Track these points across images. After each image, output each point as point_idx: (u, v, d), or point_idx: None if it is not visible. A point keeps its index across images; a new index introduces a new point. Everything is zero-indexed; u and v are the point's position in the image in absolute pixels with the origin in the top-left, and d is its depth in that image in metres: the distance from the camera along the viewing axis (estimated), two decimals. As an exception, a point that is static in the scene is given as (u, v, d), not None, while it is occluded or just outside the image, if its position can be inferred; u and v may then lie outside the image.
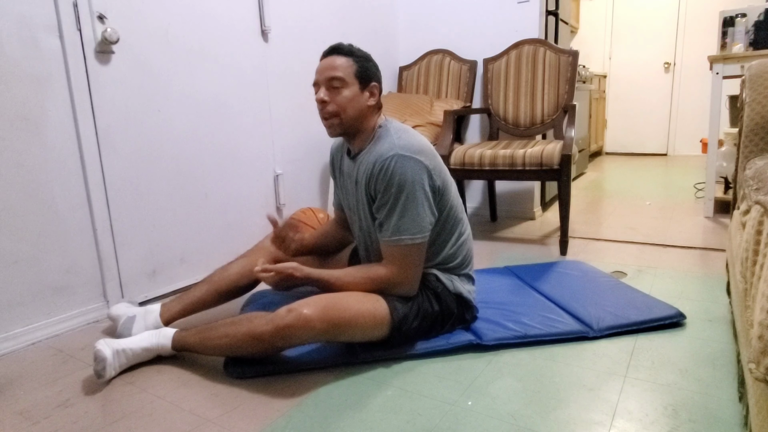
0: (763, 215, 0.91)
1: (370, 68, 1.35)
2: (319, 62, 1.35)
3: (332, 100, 1.32)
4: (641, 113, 5.88)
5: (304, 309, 1.20)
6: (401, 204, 1.27)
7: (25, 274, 1.54)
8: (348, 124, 1.35)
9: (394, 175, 1.26)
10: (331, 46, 1.35)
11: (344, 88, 1.31)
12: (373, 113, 1.38)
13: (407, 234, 1.28)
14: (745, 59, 2.57)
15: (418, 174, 1.27)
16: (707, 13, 5.36)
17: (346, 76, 1.30)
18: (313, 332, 1.20)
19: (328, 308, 1.22)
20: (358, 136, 1.38)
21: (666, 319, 1.47)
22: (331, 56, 1.32)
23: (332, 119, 1.34)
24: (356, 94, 1.32)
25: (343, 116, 1.33)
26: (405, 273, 1.31)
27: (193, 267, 2.03)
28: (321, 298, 1.24)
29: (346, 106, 1.32)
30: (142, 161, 1.82)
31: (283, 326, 1.19)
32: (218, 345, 1.28)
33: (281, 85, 2.40)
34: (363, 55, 1.35)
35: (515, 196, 3.01)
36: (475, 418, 1.09)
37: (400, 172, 1.26)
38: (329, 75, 1.31)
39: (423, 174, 1.28)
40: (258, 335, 1.21)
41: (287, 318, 1.19)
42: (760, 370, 0.70)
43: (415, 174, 1.27)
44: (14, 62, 1.48)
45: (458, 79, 2.92)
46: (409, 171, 1.26)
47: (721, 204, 2.85)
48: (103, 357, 1.27)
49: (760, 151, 1.46)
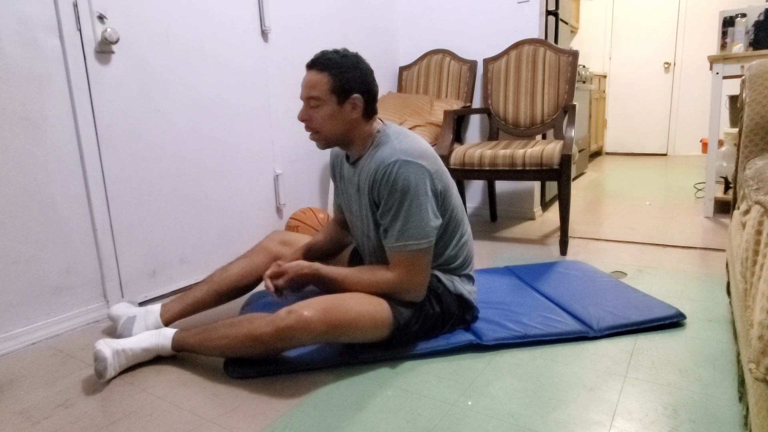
0: (763, 215, 0.91)
1: (349, 80, 1.29)
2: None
3: (311, 118, 1.31)
4: (641, 113, 5.88)
5: (305, 311, 1.20)
6: (405, 209, 1.26)
7: (25, 274, 1.54)
8: (333, 139, 1.34)
9: (397, 181, 1.25)
10: (312, 58, 1.31)
11: (321, 106, 1.29)
12: (362, 123, 1.35)
13: (413, 240, 1.27)
14: (745, 59, 2.57)
15: (421, 179, 1.27)
16: (707, 13, 5.36)
17: (321, 95, 1.28)
18: (314, 334, 1.20)
19: (329, 310, 1.22)
20: (353, 145, 1.37)
21: (666, 319, 1.47)
22: (309, 72, 1.30)
23: (315, 135, 1.34)
24: (334, 110, 1.30)
25: (325, 133, 1.33)
26: (412, 278, 1.30)
27: (193, 267, 2.03)
28: (322, 300, 1.24)
29: (324, 124, 1.31)
30: (142, 161, 1.82)
31: (284, 327, 1.19)
32: (218, 346, 1.28)
33: (281, 86, 2.40)
34: (342, 65, 1.28)
35: (515, 196, 3.01)
36: (475, 418, 1.09)
37: (403, 178, 1.25)
38: (306, 94, 1.30)
39: (426, 178, 1.28)
40: (258, 336, 1.21)
41: (287, 319, 1.19)
42: (760, 370, 0.70)
43: (418, 179, 1.26)
44: (14, 62, 1.48)
45: (458, 79, 2.92)
46: (412, 176, 1.25)
47: (721, 204, 2.84)
48: (103, 357, 1.27)
49: (760, 151, 1.46)
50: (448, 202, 1.37)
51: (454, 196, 1.40)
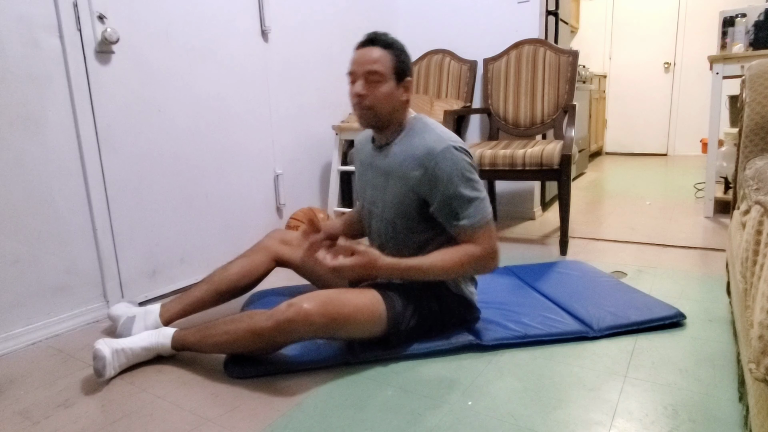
0: (763, 215, 0.91)
1: (406, 62, 1.32)
2: (356, 51, 1.32)
3: (369, 93, 1.30)
4: (641, 113, 5.88)
5: (304, 303, 1.20)
6: (471, 189, 1.29)
7: (25, 274, 1.54)
8: (382, 118, 1.34)
9: (455, 165, 1.27)
10: (369, 35, 1.31)
11: (382, 82, 1.29)
12: (405, 107, 1.37)
13: (485, 213, 1.31)
14: (745, 59, 2.57)
15: (472, 163, 1.32)
16: (707, 13, 5.36)
17: (384, 71, 1.28)
18: (313, 327, 1.21)
19: (328, 303, 1.22)
20: (388, 129, 1.38)
21: (666, 319, 1.47)
22: (370, 47, 1.29)
23: (367, 112, 1.33)
24: (392, 89, 1.31)
25: (378, 111, 1.32)
26: (495, 246, 1.32)
27: (193, 267, 2.03)
28: (320, 294, 1.25)
29: (380, 100, 1.31)
30: (142, 161, 1.82)
31: (284, 320, 1.19)
32: (218, 342, 1.28)
33: (281, 85, 2.40)
34: (400, 47, 1.32)
35: (515, 196, 3.01)
36: (475, 418, 1.09)
37: (460, 161, 1.28)
38: (368, 68, 1.28)
39: (472, 162, 1.33)
40: (258, 331, 1.22)
41: (287, 312, 1.19)
42: (760, 370, 0.70)
43: (469, 163, 1.31)
44: (14, 62, 1.48)
45: (458, 79, 2.92)
46: (465, 160, 1.29)
47: (721, 204, 2.84)
48: (102, 356, 1.27)
49: (760, 151, 1.46)
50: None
51: None
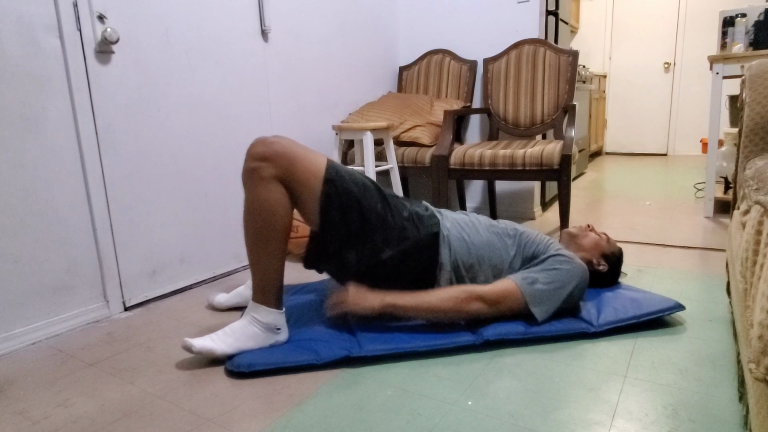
0: (763, 215, 0.91)
1: None
2: None
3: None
4: (641, 113, 5.89)
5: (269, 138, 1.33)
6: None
7: (25, 274, 1.54)
8: None
9: None
10: None
11: None
12: None
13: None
14: (745, 59, 2.57)
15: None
16: (707, 13, 5.36)
17: None
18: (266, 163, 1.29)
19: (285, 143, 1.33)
20: None
21: (665, 310, 1.47)
22: None
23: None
24: None
25: None
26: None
27: (193, 267, 2.03)
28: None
29: None
30: (142, 161, 1.82)
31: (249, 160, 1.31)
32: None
33: (281, 85, 2.40)
34: None
35: (515, 196, 3.01)
36: (475, 418, 1.09)
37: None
38: None
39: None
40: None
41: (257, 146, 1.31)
42: (760, 370, 0.70)
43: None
44: (14, 62, 1.48)
45: (458, 79, 2.92)
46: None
47: (721, 204, 2.85)
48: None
49: (760, 151, 1.46)
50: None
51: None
